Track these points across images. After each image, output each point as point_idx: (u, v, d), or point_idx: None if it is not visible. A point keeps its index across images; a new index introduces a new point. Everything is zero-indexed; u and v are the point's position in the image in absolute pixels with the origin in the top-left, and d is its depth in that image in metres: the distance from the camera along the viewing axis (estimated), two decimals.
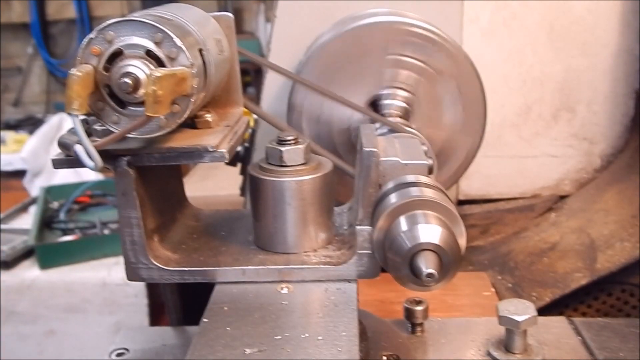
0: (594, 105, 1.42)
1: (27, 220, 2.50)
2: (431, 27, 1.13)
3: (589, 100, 1.42)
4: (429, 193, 0.70)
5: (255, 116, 1.27)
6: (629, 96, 1.41)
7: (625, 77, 1.40)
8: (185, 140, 0.72)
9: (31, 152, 4.03)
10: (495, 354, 0.80)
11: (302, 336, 0.66)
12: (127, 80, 0.65)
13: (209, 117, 0.77)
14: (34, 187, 3.64)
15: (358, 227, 0.75)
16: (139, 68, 0.65)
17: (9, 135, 4.43)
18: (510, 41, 1.38)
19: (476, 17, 1.36)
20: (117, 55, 0.66)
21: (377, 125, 1.06)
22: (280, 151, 0.77)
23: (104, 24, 0.66)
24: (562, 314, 0.98)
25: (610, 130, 1.43)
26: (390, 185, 0.74)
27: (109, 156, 0.70)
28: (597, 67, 1.40)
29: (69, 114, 0.63)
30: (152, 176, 0.77)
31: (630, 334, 0.86)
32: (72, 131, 0.67)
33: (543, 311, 1.20)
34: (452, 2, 1.32)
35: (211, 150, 0.71)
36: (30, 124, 4.93)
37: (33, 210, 2.58)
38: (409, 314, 0.89)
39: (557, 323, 0.89)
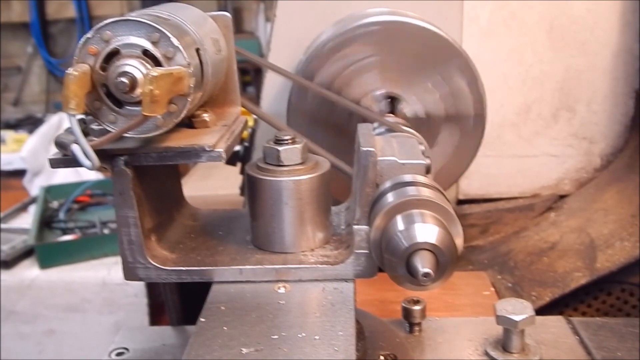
0: (593, 104, 1.42)
1: (27, 220, 2.49)
2: (478, 72, 1.16)
3: (589, 99, 1.42)
4: (426, 192, 0.70)
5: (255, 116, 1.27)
6: (628, 96, 1.41)
7: (625, 76, 1.40)
8: (183, 139, 0.72)
9: (31, 152, 4.02)
10: (492, 353, 0.80)
11: (299, 336, 0.66)
12: (123, 79, 0.64)
13: (206, 116, 0.77)
14: (34, 187, 3.64)
15: (355, 227, 0.75)
16: (135, 67, 0.65)
17: (8, 134, 4.43)
18: (509, 41, 1.38)
19: (476, 16, 1.36)
20: (114, 54, 0.66)
21: (375, 124, 1.06)
22: (278, 151, 0.77)
23: (101, 24, 0.66)
24: (562, 314, 0.98)
25: (610, 130, 1.43)
26: (387, 184, 0.74)
27: (106, 156, 0.70)
28: (596, 67, 1.39)
29: (67, 113, 0.63)
30: (149, 176, 0.77)
31: (628, 334, 0.86)
32: (69, 130, 0.67)
33: (543, 311, 1.20)
34: (452, 2, 1.32)
35: (208, 149, 0.71)
36: (30, 123, 4.93)
37: (33, 209, 2.57)
38: (407, 313, 0.89)
39: (555, 322, 0.89)
